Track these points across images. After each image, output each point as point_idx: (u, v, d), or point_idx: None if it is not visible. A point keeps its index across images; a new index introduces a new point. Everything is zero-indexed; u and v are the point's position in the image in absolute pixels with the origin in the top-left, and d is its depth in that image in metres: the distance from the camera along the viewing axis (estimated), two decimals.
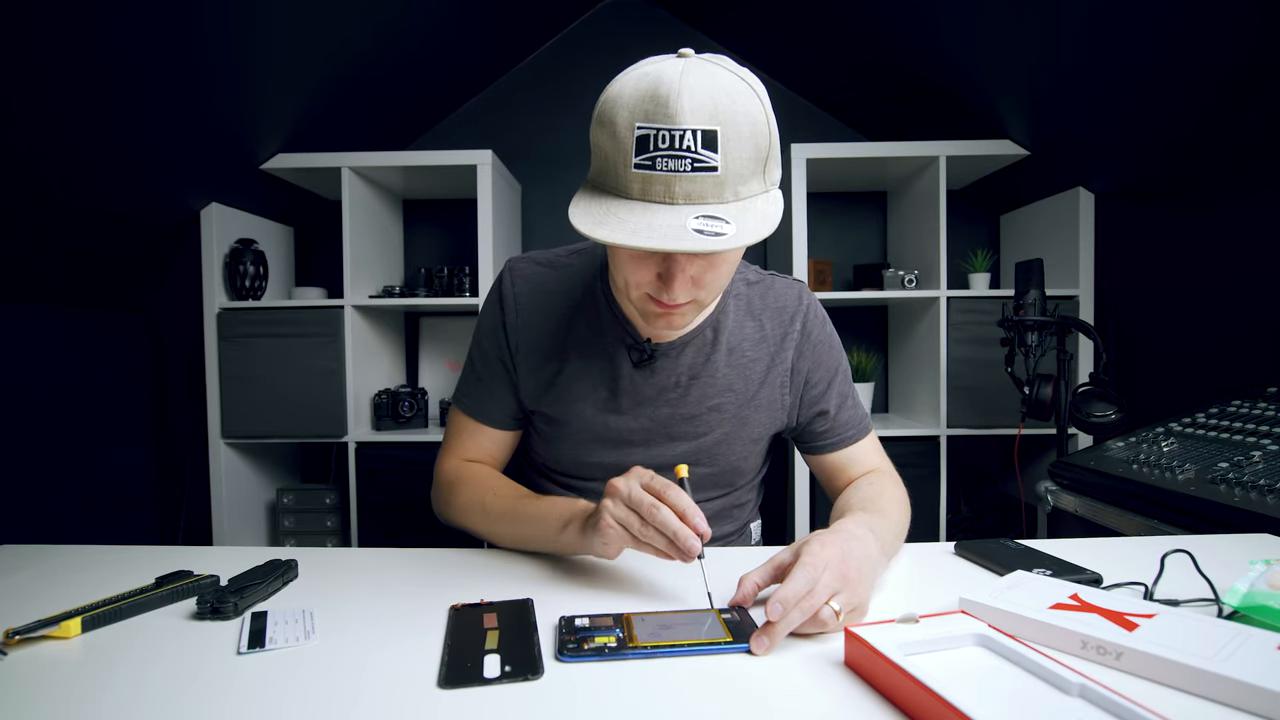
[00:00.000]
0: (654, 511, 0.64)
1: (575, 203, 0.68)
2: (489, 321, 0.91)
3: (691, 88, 0.63)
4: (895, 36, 2.01)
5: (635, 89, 0.64)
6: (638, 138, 0.63)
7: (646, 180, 0.64)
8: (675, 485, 0.66)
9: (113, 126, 1.56)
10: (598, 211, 0.66)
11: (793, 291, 0.93)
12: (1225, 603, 0.59)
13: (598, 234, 0.63)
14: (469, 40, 2.22)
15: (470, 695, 0.49)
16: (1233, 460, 1.05)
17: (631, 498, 0.65)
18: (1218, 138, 1.55)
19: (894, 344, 2.50)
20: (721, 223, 0.63)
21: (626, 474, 0.68)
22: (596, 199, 0.67)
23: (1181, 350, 1.81)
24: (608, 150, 0.66)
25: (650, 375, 0.87)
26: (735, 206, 0.65)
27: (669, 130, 0.62)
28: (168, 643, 0.58)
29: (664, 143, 0.63)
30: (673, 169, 0.63)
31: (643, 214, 0.63)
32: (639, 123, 0.63)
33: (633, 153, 0.64)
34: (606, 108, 0.66)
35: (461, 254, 2.52)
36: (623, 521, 0.66)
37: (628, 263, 0.72)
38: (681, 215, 0.63)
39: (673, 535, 0.63)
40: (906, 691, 0.46)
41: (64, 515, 1.85)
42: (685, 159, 0.63)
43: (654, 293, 0.73)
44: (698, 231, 0.62)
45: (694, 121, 0.62)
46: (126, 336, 2.10)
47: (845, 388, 0.94)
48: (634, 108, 0.64)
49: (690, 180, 0.63)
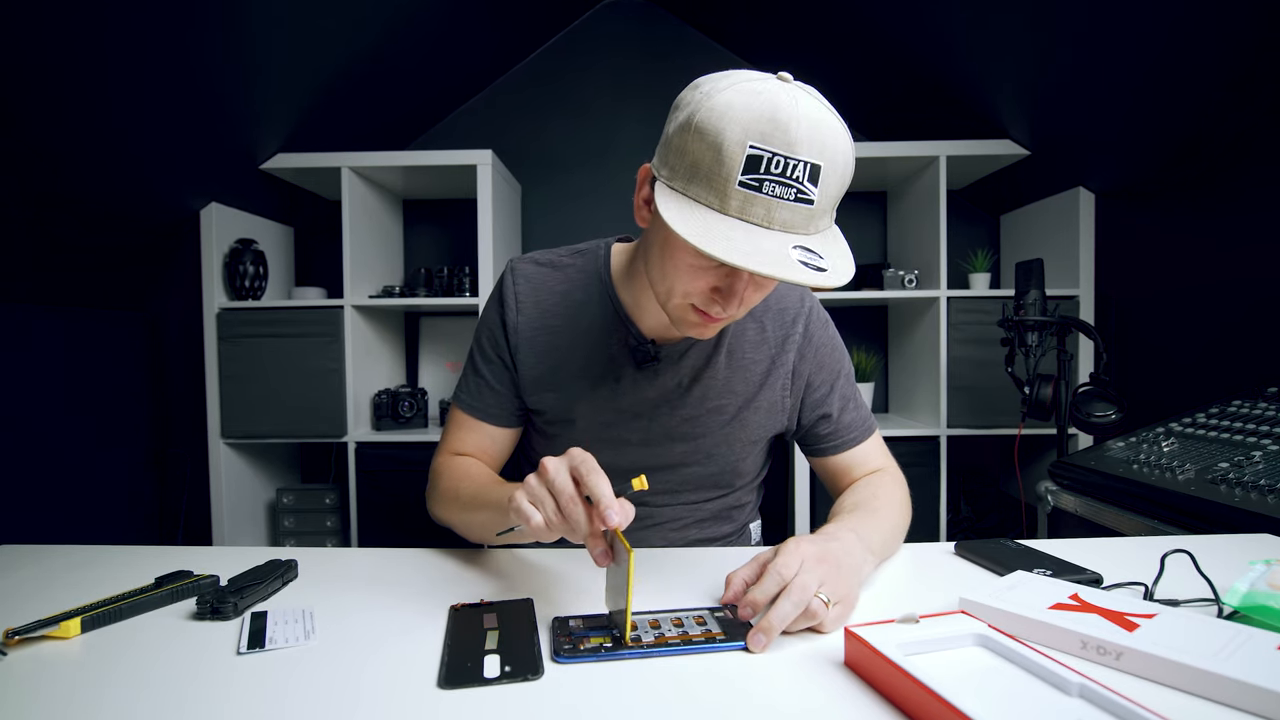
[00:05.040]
0: (570, 505, 0.59)
1: (667, 205, 0.64)
2: (490, 320, 0.92)
3: (805, 117, 0.62)
4: (895, 37, 2.00)
5: (748, 106, 0.62)
6: (749, 156, 0.62)
7: (748, 200, 0.63)
8: (599, 471, 0.60)
9: (113, 126, 1.56)
10: (696, 221, 0.63)
11: (794, 294, 0.93)
12: (1225, 603, 0.59)
13: (712, 249, 0.61)
14: (469, 40, 2.22)
15: (470, 695, 0.49)
16: (1233, 460, 1.05)
17: (554, 483, 0.60)
18: (1217, 137, 1.55)
19: (894, 344, 2.50)
20: (816, 256, 0.63)
21: (562, 455, 0.63)
22: (691, 206, 0.65)
23: (1181, 350, 1.81)
24: (706, 160, 0.64)
25: (652, 376, 0.87)
26: (818, 239, 0.65)
27: (785, 157, 0.62)
28: (167, 643, 0.58)
29: (777, 168, 0.62)
30: (778, 195, 0.62)
31: (745, 235, 0.62)
32: (753, 142, 0.62)
33: (740, 170, 0.62)
34: (712, 117, 0.63)
35: (461, 254, 2.52)
36: (537, 501, 0.61)
37: (686, 272, 0.71)
38: (781, 242, 0.63)
39: (582, 538, 0.60)
40: (906, 691, 0.46)
41: (64, 515, 1.85)
42: (791, 188, 0.62)
43: (702, 305, 0.73)
44: (802, 263, 0.62)
45: (808, 154, 0.62)
46: (126, 336, 2.10)
47: (848, 390, 0.94)
48: (748, 125, 0.62)
49: (790, 209, 0.63)
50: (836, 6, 2.02)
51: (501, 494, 0.73)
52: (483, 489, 0.81)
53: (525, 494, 0.62)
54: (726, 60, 2.52)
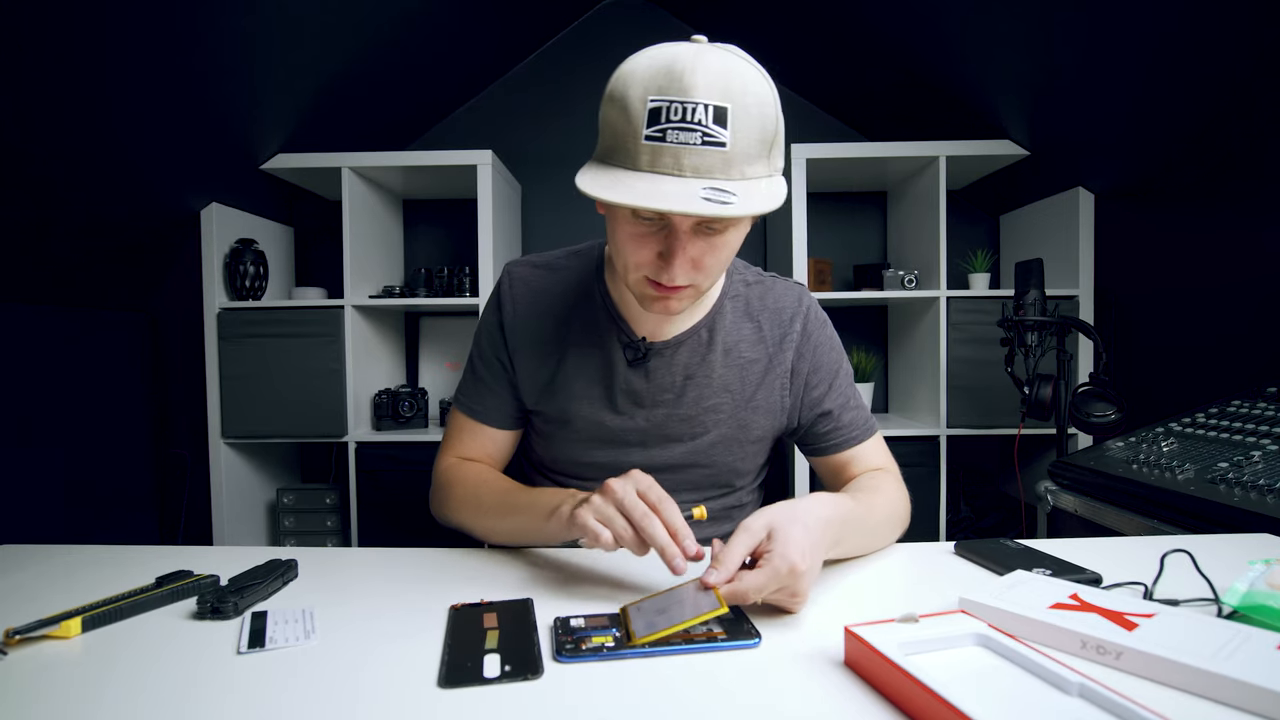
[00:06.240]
0: (645, 521, 0.64)
1: (583, 173, 0.68)
2: (488, 323, 0.93)
3: (705, 65, 0.64)
4: (895, 37, 2.01)
5: (649, 65, 0.66)
6: (650, 110, 0.64)
7: (656, 151, 0.64)
8: (671, 500, 0.66)
9: (113, 126, 1.56)
10: (606, 179, 0.66)
11: (792, 294, 0.93)
12: (1225, 602, 0.59)
13: (606, 195, 0.64)
14: (469, 40, 2.22)
15: (470, 695, 0.49)
16: (1233, 460, 1.05)
17: (625, 502, 0.65)
18: (1217, 137, 1.55)
19: (894, 344, 2.50)
20: (728, 194, 0.64)
21: (625, 476, 0.68)
22: (605, 169, 0.68)
23: (1181, 350, 1.81)
24: (618, 125, 0.67)
25: (645, 374, 0.87)
26: (741, 184, 0.66)
27: (681, 103, 0.63)
28: (168, 642, 0.58)
29: (676, 115, 0.64)
30: (683, 141, 0.64)
31: (651, 182, 0.64)
32: (652, 96, 0.64)
33: (644, 125, 0.64)
34: (619, 84, 0.67)
35: (461, 254, 2.52)
36: (606, 520, 0.65)
37: (629, 242, 0.73)
38: (689, 185, 0.64)
39: (660, 550, 0.63)
40: (906, 691, 0.46)
41: (64, 515, 1.85)
42: (696, 132, 0.64)
43: (653, 274, 0.73)
44: (705, 199, 0.63)
45: (706, 96, 0.63)
46: (126, 336, 2.10)
47: (847, 389, 0.94)
48: (648, 82, 0.65)
49: (699, 154, 0.64)
50: (837, 7, 2.02)
51: (535, 501, 0.79)
52: (507, 495, 0.85)
53: (592, 512, 0.66)
54: None
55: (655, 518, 0.64)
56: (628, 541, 0.64)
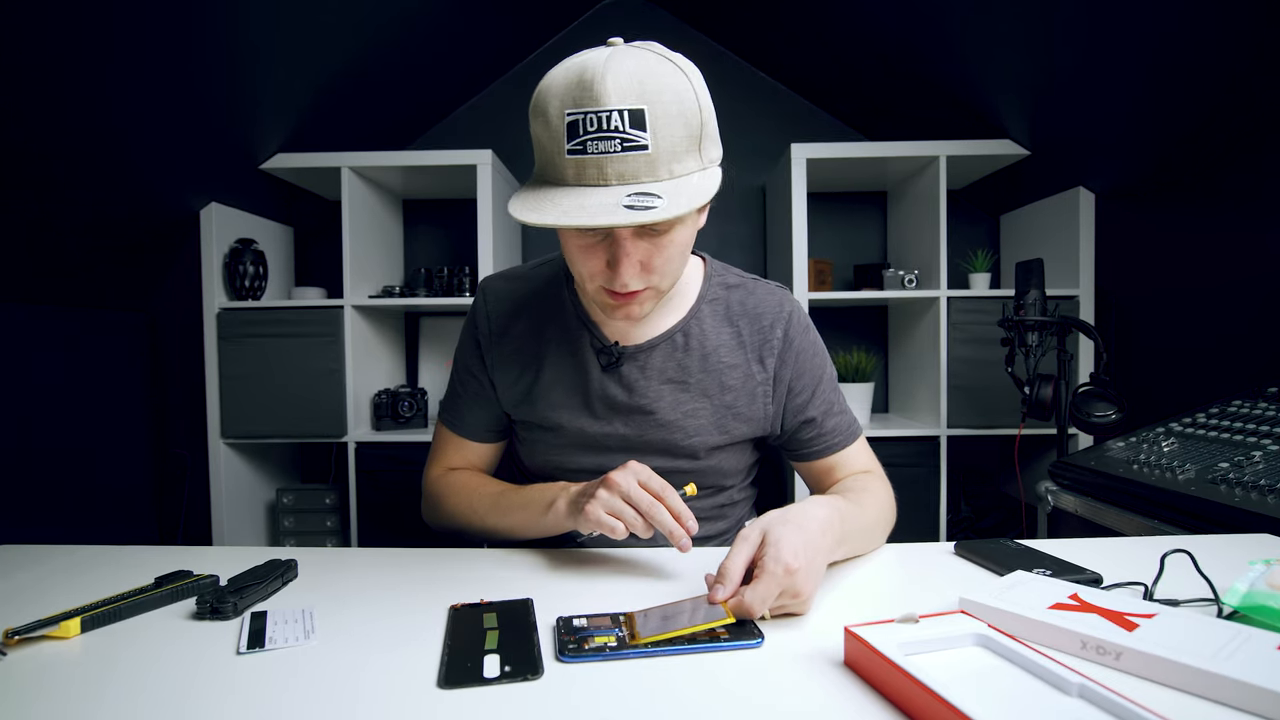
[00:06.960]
0: (654, 510, 0.69)
1: (516, 196, 0.69)
2: (466, 339, 0.94)
3: (616, 70, 0.64)
4: (896, 36, 2.00)
5: (564, 78, 0.66)
6: (568, 124, 0.65)
7: (580, 165, 0.65)
8: (671, 489, 0.71)
9: (113, 126, 1.56)
10: (533, 199, 0.67)
11: (774, 298, 0.92)
12: (1225, 603, 0.59)
13: (531, 218, 0.65)
14: (469, 40, 2.22)
15: (470, 695, 0.49)
16: (1233, 460, 1.05)
17: (631, 495, 0.70)
18: (1217, 137, 1.55)
19: (894, 344, 2.50)
20: (653, 197, 0.64)
21: (624, 468, 0.72)
22: (535, 189, 0.69)
23: (1181, 350, 1.81)
24: (544, 141, 0.68)
25: (619, 379, 0.87)
26: (669, 184, 0.66)
27: (595, 113, 0.64)
28: (167, 643, 0.58)
29: (592, 126, 0.64)
30: (603, 150, 0.64)
31: (576, 196, 0.65)
32: (568, 109, 0.65)
33: (565, 139, 0.65)
34: (539, 100, 0.68)
35: (461, 254, 2.52)
36: (616, 513, 0.69)
37: (578, 254, 0.74)
38: (614, 194, 0.64)
39: (668, 534, 0.69)
40: (906, 691, 0.46)
41: (64, 515, 1.85)
42: (614, 139, 0.64)
43: (606, 283, 0.74)
44: (628, 207, 0.63)
45: (619, 102, 0.64)
46: (126, 336, 2.10)
47: (831, 395, 0.93)
48: (563, 95, 0.65)
49: (622, 160, 0.64)
50: (837, 7, 2.02)
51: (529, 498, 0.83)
52: (501, 497, 0.87)
53: (601, 506, 0.70)
54: (726, 60, 2.52)
55: (661, 506, 0.69)
56: (638, 529, 0.69)
